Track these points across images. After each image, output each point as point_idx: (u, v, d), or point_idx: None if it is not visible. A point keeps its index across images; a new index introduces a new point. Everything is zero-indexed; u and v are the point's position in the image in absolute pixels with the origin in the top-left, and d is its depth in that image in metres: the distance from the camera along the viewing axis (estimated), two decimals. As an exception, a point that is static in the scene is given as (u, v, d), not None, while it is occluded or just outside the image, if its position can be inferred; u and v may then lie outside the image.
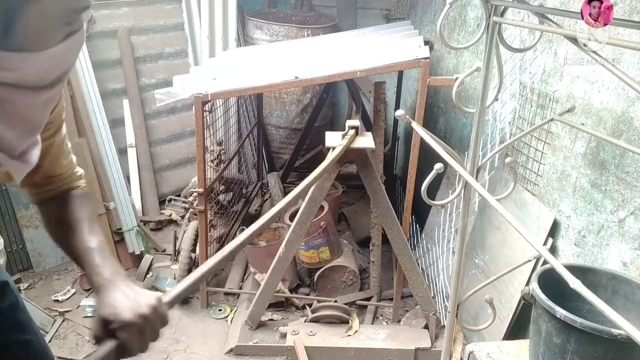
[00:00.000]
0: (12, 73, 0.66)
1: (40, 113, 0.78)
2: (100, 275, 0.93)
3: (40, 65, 0.68)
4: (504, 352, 1.60)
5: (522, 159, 2.22)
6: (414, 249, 2.98)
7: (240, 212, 3.63)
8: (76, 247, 1.01)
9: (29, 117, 0.75)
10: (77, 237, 1.02)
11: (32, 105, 0.73)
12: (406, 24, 3.35)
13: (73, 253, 1.03)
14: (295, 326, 2.52)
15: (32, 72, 0.68)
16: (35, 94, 0.71)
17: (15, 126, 0.73)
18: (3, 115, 0.70)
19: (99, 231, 1.06)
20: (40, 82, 0.71)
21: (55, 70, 0.72)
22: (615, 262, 1.63)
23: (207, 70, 2.65)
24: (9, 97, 0.68)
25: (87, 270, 0.97)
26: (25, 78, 0.68)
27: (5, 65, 0.65)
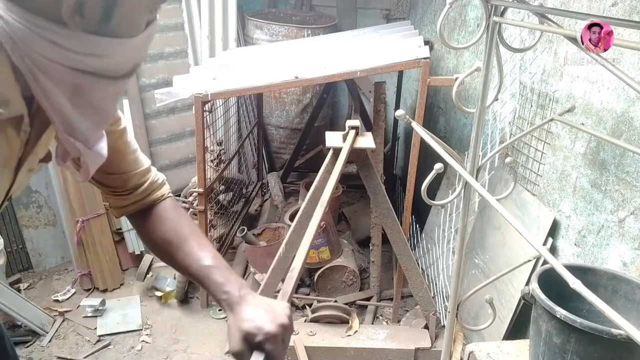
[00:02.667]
0: (99, 60, 0.67)
1: (111, 104, 0.79)
2: (230, 294, 0.93)
3: (124, 54, 0.70)
4: (504, 352, 1.60)
5: (522, 159, 2.22)
6: (414, 249, 2.98)
7: (240, 212, 3.63)
8: (191, 266, 0.99)
9: (101, 108, 0.76)
10: (189, 256, 1.00)
11: (106, 96, 0.75)
12: (406, 24, 3.35)
13: (189, 272, 1.01)
14: (295, 326, 2.52)
15: (117, 60, 0.70)
16: (111, 83, 0.72)
17: (88, 116, 0.74)
18: (79, 105, 0.70)
19: (208, 243, 1.04)
20: (119, 71, 0.72)
21: (133, 59, 0.74)
22: (615, 262, 1.63)
23: (207, 70, 2.65)
24: (89, 86, 0.69)
25: (211, 290, 0.97)
26: (108, 67, 0.69)
27: (99, 51, 0.66)
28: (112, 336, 2.63)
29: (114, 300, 2.88)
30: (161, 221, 1.06)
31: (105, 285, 2.96)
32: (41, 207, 3.02)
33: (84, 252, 2.90)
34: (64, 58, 0.65)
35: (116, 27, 0.66)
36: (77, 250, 2.90)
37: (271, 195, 3.78)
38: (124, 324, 2.71)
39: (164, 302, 2.88)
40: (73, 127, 0.73)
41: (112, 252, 3.00)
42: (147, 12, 0.70)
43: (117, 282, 3.02)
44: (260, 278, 2.71)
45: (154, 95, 2.43)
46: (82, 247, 2.89)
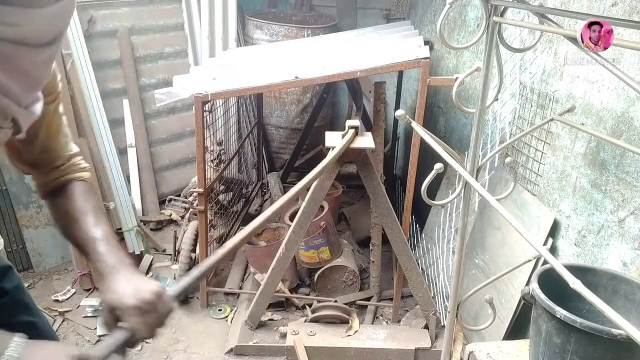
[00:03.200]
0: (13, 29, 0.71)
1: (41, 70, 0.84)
2: (105, 263, 0.97)
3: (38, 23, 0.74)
4: (504, 352, 1.60)
5: (522, 159, 2.22)
6: (414, 249, 2.98)
7: (240, 212, 3.63)
8: (82, 238, 1.04)
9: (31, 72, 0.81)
10: (83, 228, 1.05)
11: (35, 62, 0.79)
12: (406, 24, 3.35)
13: (79, 244, 1.06)
14: (295, 326, 2.52)
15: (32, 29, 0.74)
16: (34, 51, 0.77)
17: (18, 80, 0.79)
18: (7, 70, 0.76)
19: (105, 222, 1.09)
20: (39, 40, 0.76)
21: (51, 29, 0.77)
22: (615, 262, 1.63)
23: (207, 70, 2.65)
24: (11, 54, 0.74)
25: (92, 259, 1.01)
26: (26, 34, 0.74)
27: (6, 19, 0.70)
28: (112, 336, 2.63)
29: (114, 300, 2.88)
30: (69, 197, 1.12)
31: (105, 285, 2.96)
32: (41, 207, 3.02)
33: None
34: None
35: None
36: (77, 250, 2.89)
37: (271, 195, 3.78)
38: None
39: (164, 302, 2.88)
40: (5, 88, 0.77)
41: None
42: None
43: (117, 282, 3.01)
44: (260, 278, 2.71)
45: (154, 95, 2.43)
46: (82, 247, 2.89)
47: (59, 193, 1.14)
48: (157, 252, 3.33)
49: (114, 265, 0.97)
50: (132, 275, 0.96)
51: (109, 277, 0.95)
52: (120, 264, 0.98)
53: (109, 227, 1.09)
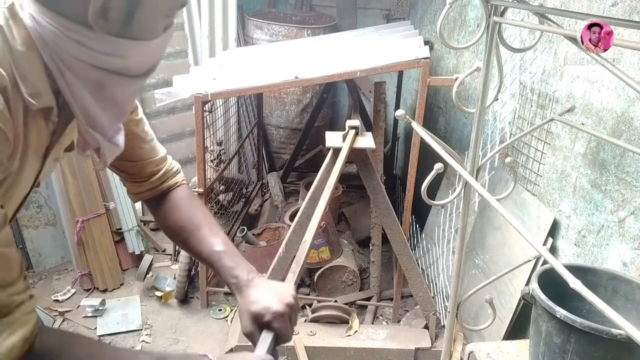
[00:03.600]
0: (120, 60, 0.74)
1: (129, 101, 0.87)
2: (238, 278, 1.00)
3: (143, 55, 0.77)
4: (504, 352, 1.60)
5: (522, 159, 2.22)
6: (414, 249, 2.98)
7: (240, 212, 3.63)
8: (203, 252, 1.06)
9: (121, 104, 0.84)
10: (202, 242, 1.06)
11: (125, 93, 0.82)
12: (406, 24, 3.35)
13: (201, 257, 1.08)
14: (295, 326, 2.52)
15: (136, 60, 0.77)
16: (131, 82, 0.80)
17: (109, 111, 0.81)
18: (101, 100, 0.78)
19: (220, 230, 1.10)
20: (138, 71, 0.79)
21: (151, 60, 0.81)
22: (615, 262, 1.63)
23: (207, 70, 2.65)
24: (110, 84, 0.77)
25: (221, 274, 1.04)
26: (128, 66, 0.77)
27: (120, 52, 0.73)
28: (112, 336, 2.63)
29: (114, 300, 2.88)
30: (176, 208, 1.13)
31: (105, 285, 2.96)
32: (41, 207, 3.02)
33: (84, 252, 2.90)
34: (89, 57, 0.72)
35: (136, 30, 0.73)
36: (77, 250, 2.90)
37: (271, 195, 3.78)
38: (124, 324, 2.71)
39: (164, 302, 2.88)
40: (94, 121, 0.80)
41: (112, 252, 3.00)
42: (164, 17, 0.77)
43: (117, 282, 3.01)
44: (260, 278, 2.71)
45: (154, 95, 2.43)
46: (82, 247, 2.89)
47: (162, 202, 1.14)
48: (157, 252, 3.33)
49: (248, 277, 1.00)
50: (266, 282, 1.00)
51: (247, 289, 0.98)
52: (250, 273, 1.01)
53: (224, 234, 1.10)
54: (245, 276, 1.00)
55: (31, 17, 0.69)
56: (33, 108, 0.72)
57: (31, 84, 0.71)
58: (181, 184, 1.18)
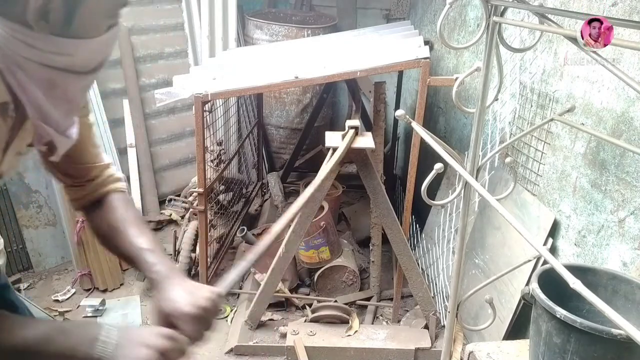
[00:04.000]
0: (66, 58, 0.79)
1: (81, 96, 0.91)
2: (157, 273, 0.99)
3: (88, 52, 0.81)
4: (504, 352, 1.60)
5: (522, 159, 2.22)
6: (414, 249, 2.98)
7: (240, 212, 3.63)
8: (128, 249, 1.06)
9: (73, 99, 0.87)
10: (128, 239, 1.07)
11: (76, 89, 0.86)
12: (406, 24, 3.35)
13: (126, 255, 1.08)
14: (295, 326, 2.52)
15: (81, 57, 0.81)
16: (79, 78, 0.84)
17: (60, 106, 0.85)
18: (52, 97, 0.82)
19: (149, 231, 1.11)
20: (85, 67, 0.83)
21: (97, 57, 0.84)
22: (615, 262, 1.63)
23: (207, 70, 2.65)
24: (59, 81, 0.81)
25: (143, 269, 1.03)
26: (75, 63, 0.81)
27: (63, 50, 0.77)
28: (112, 336, 2.63)
29: (114, 300, 2.88)
30: (109, 210, 1.14)
31: (105, 285, 2.96)
32: (41, 207, 3.02)
33: (84, 252, 2.90)
34: (36, 56, 0.76)
35: (77, 30, 0.76)
36: (77, 250, 2.90)
37: (271, 195, 3.78)
38: (124, 324, 2.71)
39: (164, 302, 2.88)
40: (46, 115, 0.84)
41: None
42: (107, 17, 0.81)
43: (117, 282, 3.01)
44: (260, 278, 2.71)
45: (154, 95, 2.43)
46: (82, 247, 2.89)
47: (98, 206, 1.15)
48: (157, 252, 3.33)
49: (166, 273, 0.99)
50: (185, 282, 0.98)
51: (163, 285, 0.97)
52: (171, 271, 1.00)
53: (152, 236, 1.10)
54: (164, 272, 0.99)
55: None
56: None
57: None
58: (120, 190, 1.19)
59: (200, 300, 0.93)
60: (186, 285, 0.97)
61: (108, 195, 1.16)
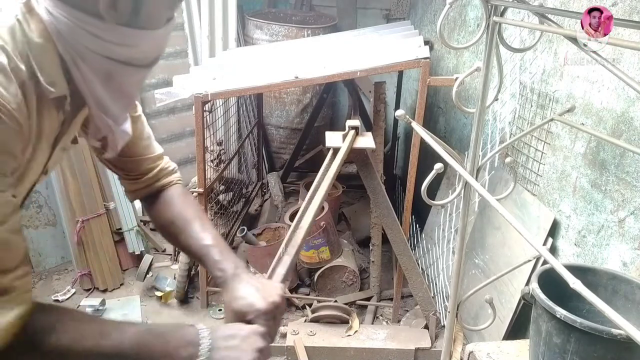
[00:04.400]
0: (127, 50, 0.80)
1: (136, 90, 0.92)
2: (224, 271, 0.98)
3: (149, 44, 0.82)
4: (504, 352, 1.60)
5: (522, 159, 2.22)
6: (414, 249, 2.98)
7: (240, 212, 3.63)
8: (192, 246, 1.06)
9: (128, 93, 0.88)
10: (191, 236, 1.06)
11: (132, 82, 0.87)
12: (406, 24, 3.35)
13: (190, 252, 1.09)
14: (295, 326, 2.52)
15: (142, 50, 0.82)
16: (137, 71, 0.84)
17: (117, 100, 0.86)
18: (110, 89, 0.83)
19: (211, 227, 1.10)
20: (143, 61, 0.84)
21: (155, 50, 0.86)
22: (615, 262, 1.63)
23: (207, 70, 2.65)
24: (117, 73, 0.82)
25: (208, 267, 1.03)
26: (135, 55, 0.82)
27: (129, 41, 0.78)
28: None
29: (114, 300, 2.88)
30: (169, 204, 1.14)
31: (105, 285, 2.96)
32: (41, 207, 3.02)
33: (84, 252, 2.90)
34: (100, 47, 0.77)
35: (143, 20, 0.77)
36: (77, 250, 2.90)
37: (271, 195, 3.78)
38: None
39: (164, 302, 2.88)
40: (105, 107, 0.85)
41: (112, 252, 3.00)
42: (167, 9, 0.82)
43: (117, 282, 3.01)
44: (260, 278, 2.71)
45: (154, 95, 2.43)
46: (82, 247, 2.89)
47: (156, 199, 1.15)
48: (157, 252, 3.33)
49: (233, 271, 0.98)
50: (254, 279, 0.98)
51: (233, 283, 0.96)
52: (238, 268, 0.99)
53: (215, 231, 1.10)
54: (232, 270, 0.98)
55: (46, 11, 0.74)
56: (50, 96, 0.77)
57: (48, 73, 0.76)
58: (177, 182, 1.19)
59: (271, 296, 0.93)
60: (254, 281, 0.96)
61: (165, 189, 1.16)
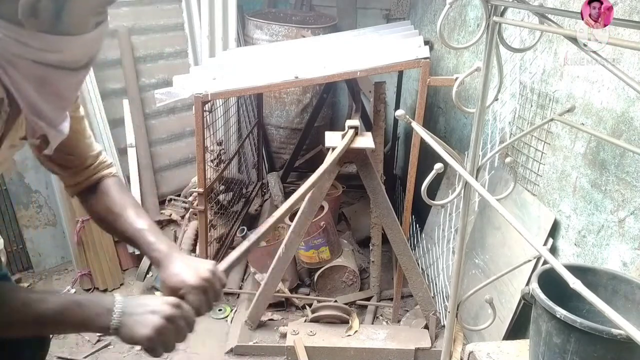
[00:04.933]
0: (56, 55, 0.81)
1: (73, 92, 0.94)
2: (159, 251, 1.08)
3: (77, 49, 0.83)
4: (504, 352, 1.60)
5: (522, 159, 2.22)
6: (414, 249, 2.98)
7: (240, 212, 3.63)
8: (127, 231, 1.14)
9: (64, 95, 0.90)
10: (127, 221, 1.14)
11: (68, 85, 0.89)
12: (406, 24, 3.35)
13: (125, 237, 1.16)
14: (295, 326, 2.52)
15: (71, 54, 0.83)
16: (70, 74, 0.86)
17: (52, 102, 0.88)
18: (44, 93, 0.84)
19: (145, 214, 1.18)
20: (76, 64, 0.85)
21: (87, 54, 0.87)
22: (615, 262, 1.63)
23: (207, 70, 2.65)
24: (51, 77, 0.83)
25: (143, 249, 1.12)
26: (65, 59, 0.83)
27: (53, 47, 0.80)
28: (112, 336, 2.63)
29: (114, 300, 2.88)
30: (106, 194, 1.21)
31: (105, 285, 2.96)
32: (41, 207, 3.01)
33: (84, 252, 2.90)
34: (27, 53, 0.79)
35: (66, 26, 0.79)
36: (77, 250, 2.90)
37: (271, 195, 3.78)
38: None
39: (164, 302, 2.88)
40: (39, 110, 0.86)
41: (112, 252, 3.00)
42: (94, 14, 0.83)
43: (117, 282, 3.01)
44: (260, 278, 2.71)
45: (154, 95, 2.42)
46: (82, 247, 2.89)
47: (94, 191, 1.21)
48: (157, 252, 3.33)
49: (168, 251, 1.07)
50: (186, 257, 1.07)
51: (166, 262, 1.05)
52: (171, 249, 1.08)
53: (149, 217, 1.18)
54: (166, 250, 1.07)
55: None
56: None
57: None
58: (114, 175, 1.26)
59: (202, 272, 1.01)
60: (188, 260, 1.05)
61: (102, 181, 1.22)
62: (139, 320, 0.92)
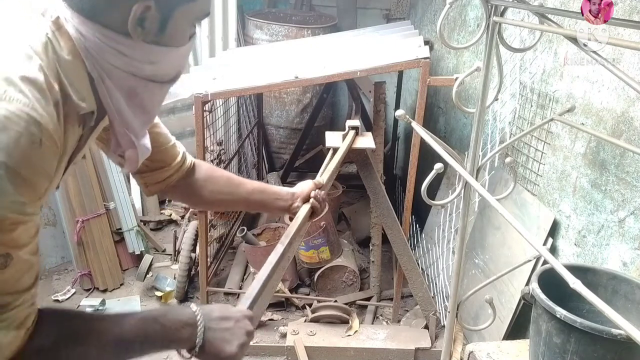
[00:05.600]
0: (151, 67, 0.82)
1: (155, 106, 0.93)
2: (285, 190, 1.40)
3: (172, 61, 0.85)
4: (504, 352, 1.60)
5: (522, 159, 2.22)
6: (414, 249, 2.98)
7: (240, 212, 3.63)
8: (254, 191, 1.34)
9: (149, 110, 0.90)
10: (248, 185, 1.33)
11: (153, 99, 0.89)
12: (406, 24, 3.35)
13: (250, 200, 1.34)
14: (295, 326, 2.52)
15: (165, 66, 0.84)
16: (158, 88, 0.87)
17: (138, 116, 0.88)
18: (132, 105, 0.85)
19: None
20: (166, 77, 0.86)
21: (177, 67, 0.88)
22: (615, 262, 1.63)
23: (207, 70, 2.65)
24: (140, 90, 0.84)
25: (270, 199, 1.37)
26: (158, 72, 0.84)
27: (152, 58, 0.81)
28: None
29: (114, 300, 2.88)
30: (211, 174, 1.29)
31: (105, 285, 2.96)
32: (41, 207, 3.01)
33: (84, 252, 2.90)
34: (125, 64, 0.79)
35: (168, 38, 0.80)
36: (77, 250, 2.90)
37: (271, 195, 3.77)
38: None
39: (164, 302, 2.88)
40: (127, 123, 0.87)
41: (112, 252, 3.00)
42: (191, 26, 0.84)
43: (117, 282, 3.01)
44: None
45: (154, 95, 2.42)
46: (82, 247, 2.89)
47: (192, 180, 1.26)
48: (157, 252, 3.33)
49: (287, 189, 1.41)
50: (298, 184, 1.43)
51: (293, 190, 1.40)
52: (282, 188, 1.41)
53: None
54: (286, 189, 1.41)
55: (75, 29, 0.76)
56: (80, 112, 0.78)
57: (78, 90, 0.77)
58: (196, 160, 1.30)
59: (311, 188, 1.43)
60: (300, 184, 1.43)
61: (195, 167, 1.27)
62: (225, 338, 0.89)
